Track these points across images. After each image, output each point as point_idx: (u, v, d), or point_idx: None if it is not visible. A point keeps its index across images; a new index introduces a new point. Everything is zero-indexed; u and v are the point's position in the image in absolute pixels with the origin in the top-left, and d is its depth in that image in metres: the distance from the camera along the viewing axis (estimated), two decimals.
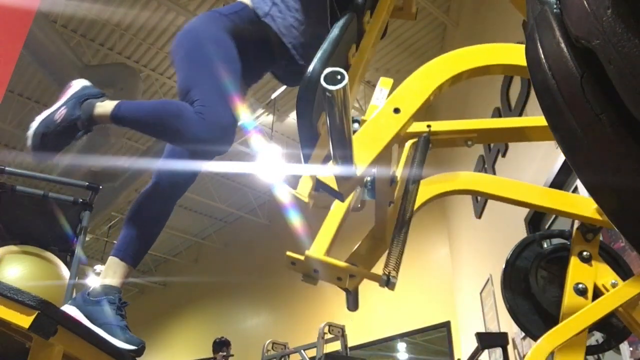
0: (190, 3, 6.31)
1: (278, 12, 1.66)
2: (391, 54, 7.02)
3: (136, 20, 6.67)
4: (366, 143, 1.08)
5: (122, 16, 6.57)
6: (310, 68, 1.17)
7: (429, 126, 1.31)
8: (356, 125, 1.19)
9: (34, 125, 1.47)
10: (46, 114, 1.49)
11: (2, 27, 2.94)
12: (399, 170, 1.32)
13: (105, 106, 1.50)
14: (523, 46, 0.75)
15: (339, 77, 0.80)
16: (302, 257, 1.23)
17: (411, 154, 1.28)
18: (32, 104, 7.92)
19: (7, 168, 2.82)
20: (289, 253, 1.23)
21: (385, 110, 1.16)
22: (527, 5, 0.61)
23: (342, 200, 1.07)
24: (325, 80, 0.80)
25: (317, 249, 1.26)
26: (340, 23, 1.35)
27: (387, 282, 1.08)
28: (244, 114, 1.58)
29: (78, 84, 1.55)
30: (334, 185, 1.02)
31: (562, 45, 0.52)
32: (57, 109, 1.50)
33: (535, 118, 1.44)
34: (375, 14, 1.58)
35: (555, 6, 0.54)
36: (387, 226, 1.34)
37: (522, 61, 1.22)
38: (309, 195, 1.20)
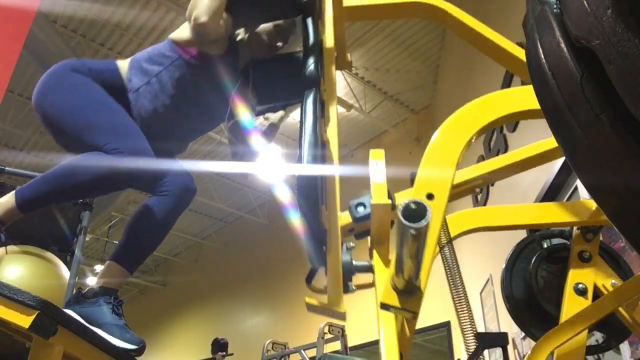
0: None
1: (148, 92, 1.55)
2: (391, 54, 7.02)
3: (136, 20, 6.67)
4: None
5: (122, 16, 6.56)
6: (304, 164, 1.12)
7: None
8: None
9: None
10: None
11: (2, 27, 2.94)
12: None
13: (4, 203, 1.39)
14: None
15: (413, 205, 0.73)
16: None
17: None
18: (32, 104, 7.91)
19: (7, 168, 2.81)
20: None
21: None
22: (527, 5, 0.61)
23: (415, 318, 0.98)
24: (404, 216, 0.73)
25: None
26: (310, 107, 1.27)
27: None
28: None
29: None
30: (397, 303, 0.94)
31: (562, 45, 0.52)
32: None
33: (531, 147, 1.45)
34: (327, 81, 1.46)
35: (555, 6, 0.54)
36: None
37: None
38: (343, 302, 1.12)
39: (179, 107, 1.58)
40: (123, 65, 1.60)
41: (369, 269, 1.16)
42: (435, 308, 7.09)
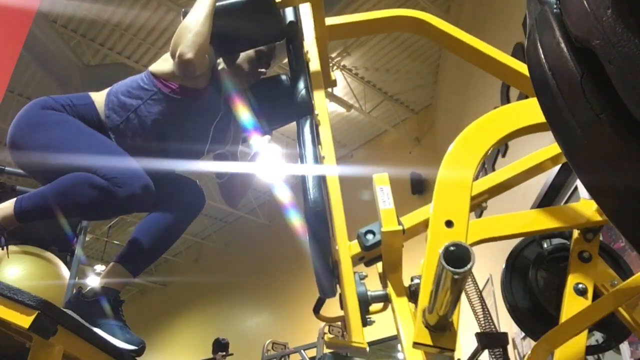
0: (190, 3, 6.30)
1: (129, 130, 1.49)
2: (391, 54, 7.02)
3: (136, 20, 6.67)
4: None
5: (122, 16, 6.56)
6: (311, 198, 1.12)
7: None
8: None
9: None
10: None
11: (2, 27, 2.94)
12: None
13: (3, 209, 1.38)
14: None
15: (453, 248, 0.74)
16: None
17: None
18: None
19: (7, 168, 2.81)
20: None
21: (437, 229, 1.02)
22: (527, 5, 0.61)
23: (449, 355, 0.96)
24: (446, 260, 0.73)
25: None
26: (309, 136, 1.27)
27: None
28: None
29: None
30: (429, 341, 0.91)
31: (562, 45, 0.52)
32: None
33: (537, 154, 1.45)
34: (318, 106, 1.45)
35: (555, 6, 0.54)
36: None
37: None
38: (364, 337, 1.10)
39: (160, 142, 1.53)
40: (98, 99, 1.54)
41: (385, 298, 1.14)
42: None
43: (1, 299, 1.00)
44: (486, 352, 4.33)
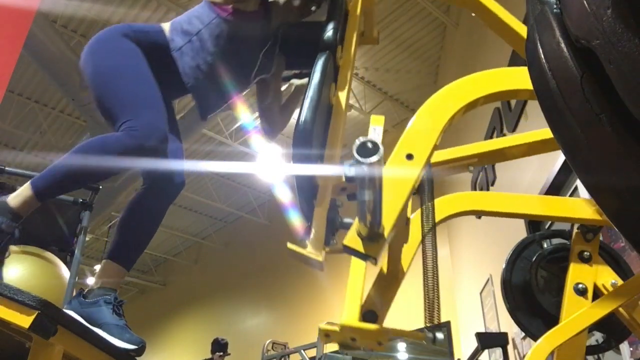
0: (190, 3, 6.31)
1: (190, 50, 1.63)
2: (391, 54, 7.02)
3: (136, 21, 6.67)
4: (387, 200, 1.00)
5: (122, 16, 6.56)
6: (302, 118, 1.15)
7: None
8: None
9: None
10: None
11: (2, 27, 2.94)
12: (409, 209, 1.28)
13: (20, 193, 1.42)
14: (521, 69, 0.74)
15: (370, 145, 0.77)
16: (337, 329, 1.14)
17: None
18: (32, 104, 7.92)
19: (7, 168, 2.81)
20: (322, 326, 1.13)
21: (397, 158, 1.09)
22: (527, 5, 0.61)
23: (375, 264, 1.00)
24: (358, 152, 0.77)
25: (351, 316, 1.16)
26: (320, 66, 1.31)
27: (434, 340, 1.05)
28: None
29: None
30: (361, 248, 0.96)
31: (562, 45, 0.52)
32: None
33: (533, 133, 1.44)
34: (345, 47, 1.49)
35: (555, 6, 0.54)
36: (401, 266, 1.29)
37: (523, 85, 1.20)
38: (322, 252, 1.14)
39: (219, 62, 1.65)
40: (166, 27, 1.69)
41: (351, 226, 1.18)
42: None
43: (1, 299, 1.00)
44: (486, 352, 4.33)
